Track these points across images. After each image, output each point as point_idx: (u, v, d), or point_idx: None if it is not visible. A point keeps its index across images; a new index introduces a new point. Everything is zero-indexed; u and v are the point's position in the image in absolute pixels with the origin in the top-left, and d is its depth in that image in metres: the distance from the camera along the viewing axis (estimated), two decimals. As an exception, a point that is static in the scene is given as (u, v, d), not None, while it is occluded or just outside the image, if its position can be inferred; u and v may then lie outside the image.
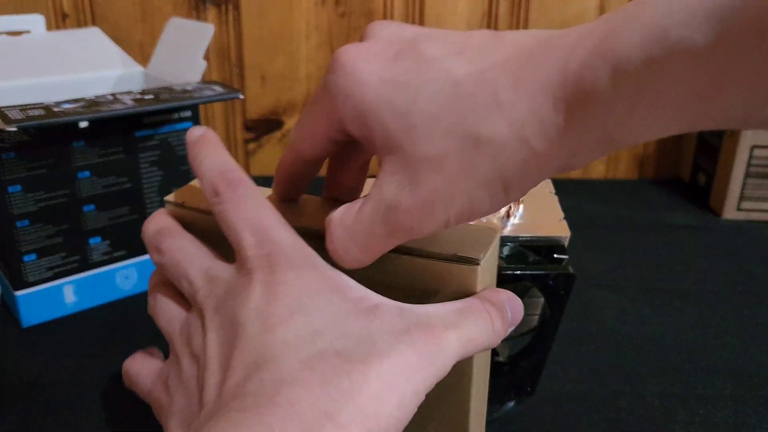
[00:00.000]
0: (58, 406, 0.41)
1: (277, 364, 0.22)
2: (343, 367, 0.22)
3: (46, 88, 0.58)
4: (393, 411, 0.22)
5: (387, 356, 0.23)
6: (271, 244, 0.25)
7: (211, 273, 0.27)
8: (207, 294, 0.26)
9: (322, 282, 0.25)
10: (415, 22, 0.80)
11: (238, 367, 0.23)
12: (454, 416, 0.30)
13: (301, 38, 0.80)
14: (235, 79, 0.82)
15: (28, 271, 0.49)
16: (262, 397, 0.21)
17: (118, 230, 0.53)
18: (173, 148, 0.53)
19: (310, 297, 0.24)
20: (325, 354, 0.22)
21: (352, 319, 0.24)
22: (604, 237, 0.66)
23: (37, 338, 0.49)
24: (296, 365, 0.22)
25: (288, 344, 0.23)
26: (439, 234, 0.27)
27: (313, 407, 0.21)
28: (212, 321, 0.25)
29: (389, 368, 0.22)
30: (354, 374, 0.22)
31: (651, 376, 0.45)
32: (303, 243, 0.26)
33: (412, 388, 0.23)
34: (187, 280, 0.28)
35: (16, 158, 0.46)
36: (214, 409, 0.22)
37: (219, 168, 0.27)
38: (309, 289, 0.24)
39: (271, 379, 0.22)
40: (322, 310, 0.24)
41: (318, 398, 0.21)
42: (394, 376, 0.22)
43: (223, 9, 0.79)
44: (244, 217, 0.26)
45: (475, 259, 0.26)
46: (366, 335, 0.23)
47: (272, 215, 0.26)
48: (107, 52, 0.64)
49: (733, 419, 0.41)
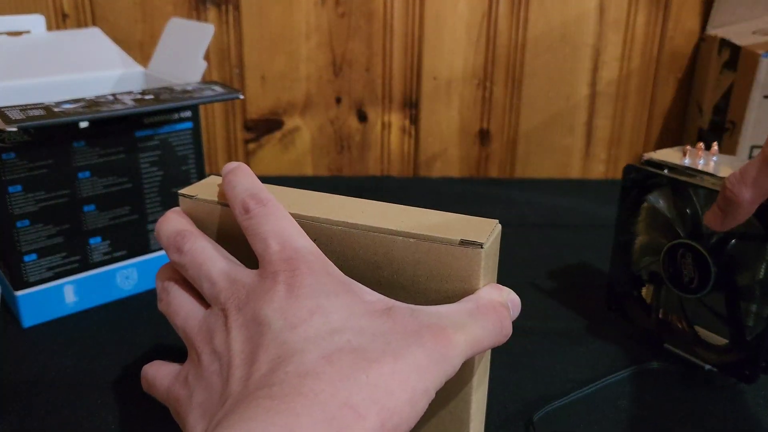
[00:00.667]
0: (58, 406, 0.41)
1: (300, 357, 0.24)
2: (360, 363, 0.24)
3: (46, 88, 0.58)
4: (405, 406, 0.23)
5: (400, 356, 0.24)
6: (292, 251, 0.28)
7: (232, 275, 0.29)
8: (229, 295, 0.28)
9: (339, 286, 0.27)
10: (415, 22, 0.80)
11: (263, 361, 0.25)
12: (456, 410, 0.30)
13: (301, 38, 0.80)
14: (235, 79, 0.82)
15: (29, 271, 0.49)
16: (287, 387, 0.23)
17: (119, 230, 0.53)
18: (173, 148, 0.53)
19: (327, 298, 0.26)
20: (343, 350, 0.24)
21: (367, 319, 0.26)
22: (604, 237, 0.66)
23: (38, 338, 0.49)
24: (318, 359, 0.24)
25: (309, 340, 0.25)
26: (443, 224, 0.29)
27: (334, 397, 0.22)
28: (236, 320, 0.27)
29: (402, 367, 0.24)
30: (370, 370, 0.23)
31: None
32: (320, 252, 0.29)
33: (423, 386, 0.24)
34: (210, 281, 0.29)
35: (16, 158, 0.46)
36: (239, 399, 0.24)
37: (249, 190, 0.31)
38: (327, 291, 0.26)
39: (295, 372, 0.23)
40: (339, 310, 0.26)
41: (338, 390, 0.23)
42: (406, 374, 0.24)
43: (223, 9, 0.79)
44: (270, 228, 0.29)
45: (479, 243, 0.27)
46: (380, 334, 0.25)
47: (294, 227, 0.29)
48: (107, 52, 0.64)
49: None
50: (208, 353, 0.28)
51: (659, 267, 0.45)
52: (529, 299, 0.54)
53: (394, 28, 0.80)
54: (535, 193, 0.81)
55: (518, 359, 0.46)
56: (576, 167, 0.87)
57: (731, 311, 0.42)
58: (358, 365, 0.23)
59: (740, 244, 0.41)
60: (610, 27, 0.80)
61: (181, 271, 0.31)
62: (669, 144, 0.85)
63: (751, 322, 0.41)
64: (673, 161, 0.45)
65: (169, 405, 0.30)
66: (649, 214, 0.47)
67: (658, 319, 0.47)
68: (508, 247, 0.31)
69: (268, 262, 0.28)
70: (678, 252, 0.43)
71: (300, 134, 0.85)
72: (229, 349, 0.26)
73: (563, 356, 0.47)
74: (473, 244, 0.27)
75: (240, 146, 0.85)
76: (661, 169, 0.45)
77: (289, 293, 0.26)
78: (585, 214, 0.73)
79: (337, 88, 0.83)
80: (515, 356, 0.47)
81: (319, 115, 0.84)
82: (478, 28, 0.80)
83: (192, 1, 0.78)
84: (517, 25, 0.80)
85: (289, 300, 0.26)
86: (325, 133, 0.85)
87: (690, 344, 0.45)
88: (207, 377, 0.27)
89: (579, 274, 0.60)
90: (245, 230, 0.30)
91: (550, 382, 0.44)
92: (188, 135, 0.54)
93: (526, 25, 0.80)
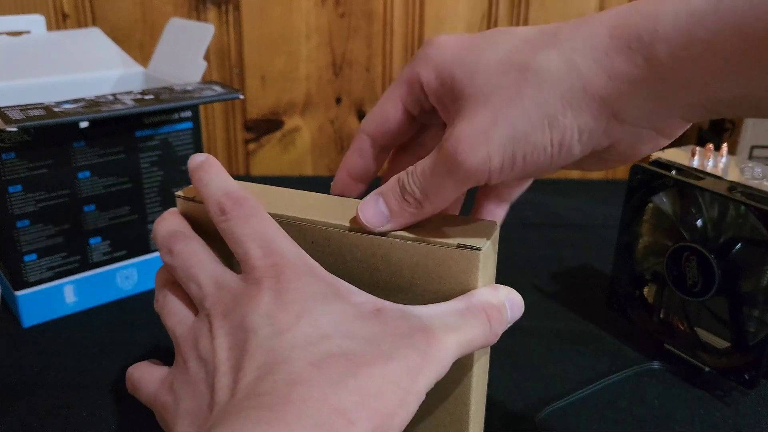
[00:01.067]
0: (58, 406, 0.41)
1: (288, 365, 0.23)
2: (350, 367, 0.23)
3: (46, 88, 0.58)
4: (396, 409, 0.23)
5: (391, 358, 0.24)
6: (276, 255, 0.27)
7: (220, 280, 0.28)
8: (216, 300, 0.27)
9: (326, 288, 0.26)
10: (415, 22, 0.80)
11: (249, 369, 0.24)
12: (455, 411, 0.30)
13: (301, 38, 0.80)
14: (235, 79, 0.82)
15: (29, 271, 0.49)
16: (276, 396, 0.22)
17: (119, 230, 0.53)
18: (173, 148, 0.53)
19: (315, 302, 0.26)
20: (332, 355, 0.24)
21: (357, 323, 0.25)
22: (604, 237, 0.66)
23: (38, 338, 0.49)
24: (306, 366, 0.23)
25: (297, 347, 0.24)
26: (442, 226, 0.29)
27: (324, 404, 0.22)
28: (221, 326, 0.26)
29: (393, 369, 0.24)
30: (360, 374, 0.23)
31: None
32: (305, 253, 0.28)
33: (415, 388, 0.24)
34: (197, 285, 0.29)
35: (16, 158, 0.46)
36: (227, 409, 0.23)
37: (224, 189, 0.29)
38: (314, 294, 0.26)
39: (284, 380, 0.23)
40: (327, 314, 0.25)
41: (328, 396, 0.22)
42: (397, 376, 0.23)
43: (223, 9, 0.79)
44: (250, 231, 0.28)
45: (476, 247, 0.27)
46: (371, 337, 0.24)
47: (275, 229, 0.28)
48: (107, 52, 0.64)
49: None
50: (194, 359, 0.27)
51: (662, 269, 0.45)
52: (530, 299, 0.54)
53: (394, 28, 0.80)
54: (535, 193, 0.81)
55: (519, 359, 0.46)
56: (576, 167, 0.87)
57: (734, 316, 0.42)
58: (348, 370, 0.23)
59: (745, 250, 0.41)
60: (611, 27, 0.80)
61: (172, 273, 0.31)
62: (668, 144, 0.84)
63: (753, 328, 0.41)
64: (682, 162, 0.45)
65: (155, 410, 0.30)
66: (654, 215, 0.47)
67: (660, 319, 0.47)
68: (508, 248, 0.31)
69: (251, 267, 0.27)
70: (682, 255, 0.43)
71: (300, 134, 0.85)
72: (214, 356, 0.26)
73: (564, 356, 0.47)
74: (471, 247, 0.27)
75: (240, 146, 0.85)
76: (669, 170, 0.45)
77: (275, 299, 0.25)
78: (585, 214, 0.73)
79: (337, 88, 0.83)
80: (516, 356, 0.47)
81: (319, 115, 0.84)
82: (478, 29, 0.80)
83: (192, 1, 0.78)
84: (516, 25, 0.80)
85: (276, 306, 0.25)
86: (325, 133, 0.85)
87: (691, 346, 0.45)
88: (194, 384, 0.27)
89: (579, 274, 0.60)
90: (222, 233, 0.29)
91: (551, 383, 0.44)
92: (188, 135, 0.54)
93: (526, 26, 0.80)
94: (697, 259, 0.42)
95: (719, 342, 0.44)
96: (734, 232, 0.41)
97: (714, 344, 0.44)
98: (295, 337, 0.24)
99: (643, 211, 0.47)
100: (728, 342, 0.43)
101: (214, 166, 0.31)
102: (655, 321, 0.48)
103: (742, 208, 0.40)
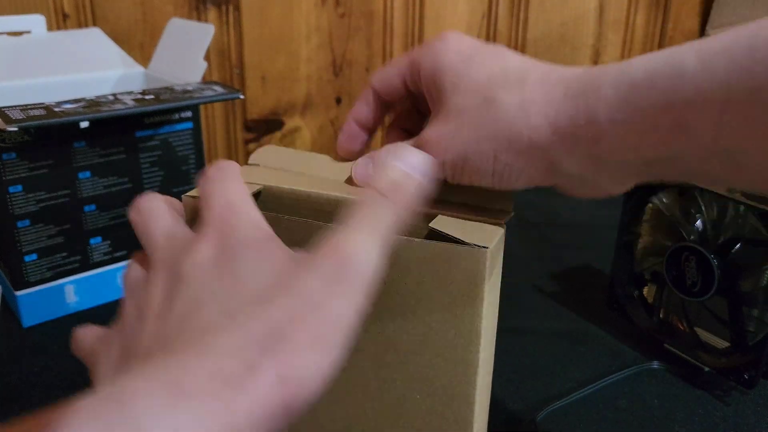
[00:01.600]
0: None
1: (202, 313, 0.24)
2: (265, 316, 0.22)
3: (46, 88, 0.58)
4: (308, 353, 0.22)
5: (320, 307, 0.22)
6: (229, 212, 0.27)
7: (170, 233, 0.29)
8: (163, 252, 0.28)
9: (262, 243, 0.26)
10: (415, 23, 0.80)
11: (172, 318, 0.25)
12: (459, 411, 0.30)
13: (302, 39, 0.80)
14: (236, 80, 0.82)
15: (29, 270, 0.49)
16: (186, 344, 0.23)
17: (119, 230, 0.53)
18: (174, 148, 0.53)
19: (244, 252, 0.26)
20: (248, 305, 0.23)
21: (281, 274, 0.25)
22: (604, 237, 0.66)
23: (38, 338, 0.49)
24: (218, 315, 0.24)
25: (216, 295, 0.24)
26: (449, 225, 0.29)
27: (232, 353, 0.21)
28: (160, 275, 0.27)
29: (296, 303, 0.22)
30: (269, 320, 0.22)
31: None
32: (261, 218, 0.28)
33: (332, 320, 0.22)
34: (150, 237, 0.29)
35: (17, 158, 0.46)
36: (145, 353, 0.24)
37: (215, 162, 0.31)
38: (247, 247, 0.26)
39: (197, 327, 0.23)
40: (252, 266, 0.25)
41: (236, 345, 0.22)
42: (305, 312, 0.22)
43: (223, 9, 0.79)
44: (219, 189, 0.29)
45: (484, 246, 0.28)
46: (285, 281, 0.24)
47: (243, 192, 0.29)
48: (108, 52, 0.64)
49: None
50: (131, 309, 0.27)
51: (662, 269, 0.45)
52: (530, 299, 0.54)
53: (394, 28, 0.80)
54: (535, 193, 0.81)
55: (519, 359, 0.46)
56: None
57: (734, 316, 0.42)
58: (262, 319, 0.22)
59: (744, 250, 0.41)
60: (610, 27, 0.80)
61: (135, 232, 0.31)
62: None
63: (752, 328, 0.41)
64: None
65: (90, 364, 0.29)
66: (654, 216, 0.47)
67: (659, 319, 0.47)
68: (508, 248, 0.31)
69: (205, 222, 0.27)
70: (682, 255, 0.43)
71: (300, 134, 0.85)
72: (147, 304, 0.26)
73: (564, 356, 0.47)
74: (478, 245, 0.28)
75: (240, 146, 0.85)
76: None
77: (210, 249, 0.26)
78: (585, 214, 0.73)
79: (337, 89, 0.83)
80: (516, 357, 0.47)
81: (320, 115, 0.84)
82: (478, 29, 0.80)
83: (192, 1, 0.78)
84: (516, 25, 0.80)
85: (209, 256, 0.25)
86: (325, 133, 0.85)
87: (690, 346, 0.45)
88: (125, 332, 0.27)
89: (579, 274, 0.60)
90: (199, 192, 0.29)
91: (551, 383, 0.44)
92: (188, 135, 0.54)
93: (526, 26, 0.80)
94: (697, 259, 0.42)
95: (719, 342, 0.44)
96: (734, 232, 0.41)
97: (714, 344, 0.44)
98: (214, 286, 0.24)
99: (642, 211, 0.47)
100: (728, 342, 0.43)
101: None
102: (654, 321, 0.48)
103: (742, 208, 0.40)
